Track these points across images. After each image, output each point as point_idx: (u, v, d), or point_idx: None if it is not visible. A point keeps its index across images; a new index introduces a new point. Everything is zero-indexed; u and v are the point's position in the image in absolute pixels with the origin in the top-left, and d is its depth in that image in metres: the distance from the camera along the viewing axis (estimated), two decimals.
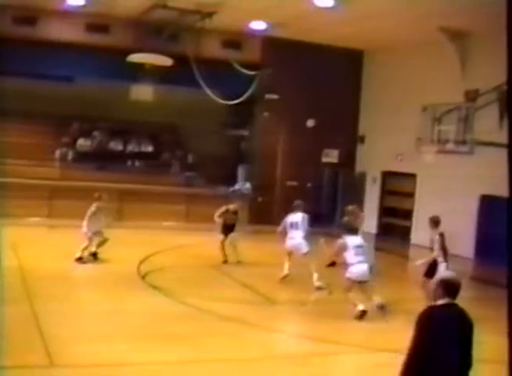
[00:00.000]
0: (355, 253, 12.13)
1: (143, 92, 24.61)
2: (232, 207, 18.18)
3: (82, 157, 26.48)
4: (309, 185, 27.18)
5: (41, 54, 23.46)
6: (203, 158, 27.28)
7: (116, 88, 25.26)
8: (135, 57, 23.14)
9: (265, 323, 11.28)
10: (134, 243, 18.66)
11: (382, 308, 11.87)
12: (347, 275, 12.03)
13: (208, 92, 23.38)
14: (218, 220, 17.80)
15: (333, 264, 16.12)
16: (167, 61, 22.98)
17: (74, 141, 27.04)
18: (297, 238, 15.22)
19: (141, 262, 16.18)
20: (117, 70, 23.89)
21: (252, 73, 24.33)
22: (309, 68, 26.08)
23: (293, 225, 15.47)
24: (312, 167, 27.10)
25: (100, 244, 16.30)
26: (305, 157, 26.72)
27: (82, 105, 25.78)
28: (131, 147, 27.74)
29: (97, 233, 16.20)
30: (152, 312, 11.62)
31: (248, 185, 27.19)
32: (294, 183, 26.88)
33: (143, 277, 14.76)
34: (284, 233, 15.47)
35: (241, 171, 28.27)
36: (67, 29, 24.05)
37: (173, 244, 19.46)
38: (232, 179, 27.85)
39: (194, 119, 26.96)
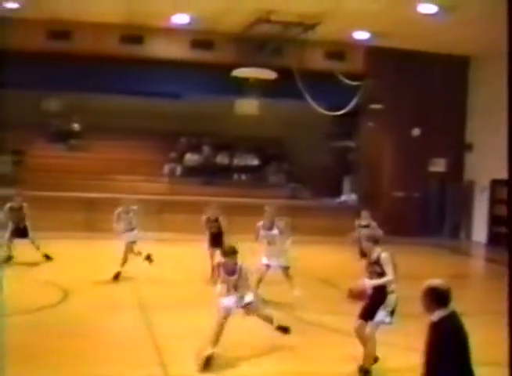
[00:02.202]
0: None
1: (248, 106, 24.85)
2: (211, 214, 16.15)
3: (190, 172, 26.98)
4: (416, 195, 26.78)
5: (148, 72, 24.07)
6: (308, 170, 27.28)
7: (221, 103, 25.62)
8: (240, 72, 23.41)
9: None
10: (240, 255, 18.76)
11: None
12: None
13: (312, 103, 23.40)
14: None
15: None
16: (271, 74, 23.15)
17: (182, 156, 27.58)
18: None
19: None
20: (221, 86, 24.25)
21: (356, 83, 24.20)
22: (413, 76, 25.76)
23: None
24: (419, 176, 26.69)
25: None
26: (412, 166, 26.35)
27: (189, 120, 26.30)
28: (237, 161, 28.06)
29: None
30: (261, 324, 11.65)
31: (354, 196, 27.02)
32: (401, 194, 26.55)
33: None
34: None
35: (346, 183, 28.15)
36: (173, 47, 24.64)
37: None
38: (337, 191, 27.75)
39: (299, 131, 27.07)
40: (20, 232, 16.86)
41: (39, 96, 26.14)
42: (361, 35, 23.92)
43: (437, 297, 5.55)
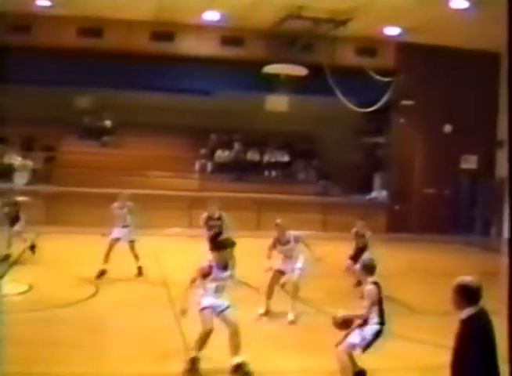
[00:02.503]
0: None
1: (278, 103, 24.84)
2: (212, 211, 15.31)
3: (220, 168, 27.04)
4: (447, 192, 26.60)
5: (178, 69, 24.18)
6: (338, 167, 27.21)
7: (251, 100, 25.62)
8: (271, 68, 23.40)
9: (404, 333, 11.10)
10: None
11: None
12: None
13: (343, 99, 23.32)
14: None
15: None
16: (302, 71, 23.10)
17: (212, 152, 27.65)
18: None
19: None
20: (252, 82, 24.25)
21: (387, 79, 24.08)
22: (444, 72, 25.58)
23: None
24: (450, 173, 26.51)
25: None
26: (443, 163, 26.18)
27: (219, 117, 26.36)
28: (268, 157, 28.07)
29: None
30: (285, 323, 11.69)
31: (384, 193, 26.91)
32: (432, 190, 26.40)
33: (282, 286, 14.82)
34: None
35: (377, 179, 28.04)
36: (203, 43, 24.70)
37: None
38: (367, 187, 27.65)
39: (329, 127, 27.02)
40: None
41: (71, 93, 26.33)
42: (392, 31, 23.79)
43: (467, 294, 5.49)
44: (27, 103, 25.16)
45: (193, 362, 8.74)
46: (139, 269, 15.18)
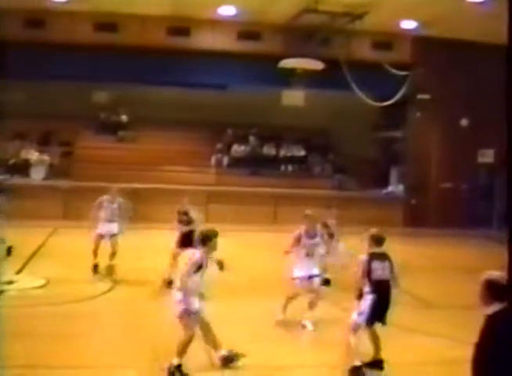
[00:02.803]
0: None
1: (294, 97, 24.82)
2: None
3: (236, 163, 27.05)
4: (464, 186, 26.48)
5: (194, 63, 24.17)
6: (354, 161, 27.15)
7: (267, 94, 25.61)
8: (287, 63, 23.34)
9: (421, 327, 11.11)
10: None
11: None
12: None
13: (359, 94, 23.23)
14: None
15: None
16: (318, 65, 23.03)
17: (229, 147, 27.66)
18: None
19: None
20: (268, 77, 24.19)
21: (403, 73, 23.95)
22: (461, 66, 25.42)
23: None
24: (467, 168, 26.37)
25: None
26: (460, 157, 26.06)
27: (235, 111, 26.35)
28: (284, 152, 28.05)
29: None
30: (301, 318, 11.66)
31: (401, 187, 26.83)
32: (448, 185, 26.28)
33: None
34: None
35: (394, 173, 27.94)
36: (219, 38, 24.68)
37: None
38: (384, 182, 27.58)
39: (345, 122, 26.94)
40: None
41: (87, 88, 26.40)
42: (408, 24, 23.69)
43: (494, 290, 5.40)
44: (43, 98, 25.31)
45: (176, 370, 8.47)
46: (96, 266, 14.49)
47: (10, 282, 13.10)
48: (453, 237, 22.77)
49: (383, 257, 8.93)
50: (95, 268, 14.50)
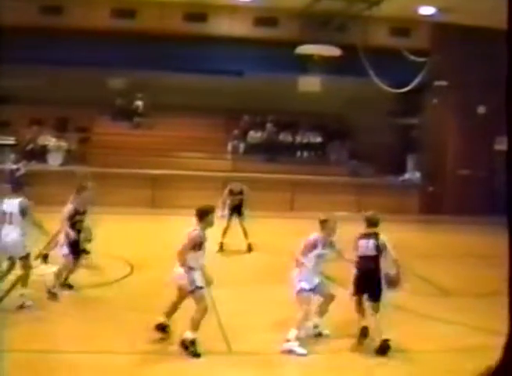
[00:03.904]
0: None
1: (311, 83, 24.72)
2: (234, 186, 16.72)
3: (253, 149, 27.06)
4: (481, 173, 26.35)
5: (211, 49, 24.13)
6: (371, 148, 27.05)
7: (284, 81, 25.50)
8: (304, 49, 23.30)
9: (439, 315, 11.09)
10: (305, 233, 18.74)
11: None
12: None
13: (376, 80, 23.13)
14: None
15: None
16: (335, 51, 22.97)
17: (245, 133, 27.65)
18: None
19: None
20: (285, 63, 24.17)
21: (421, 60, 23.81)
22: (479, 53, 25.20)
23: None
24: (484, 155, 26.21)
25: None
26: (477, 144, 25.91)
27: (252, 98, 26.31)
28: (300, 138, 28.01)
29: None
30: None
31: (418, 174, 26.74)
32: (465, 172, 26.17)
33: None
34: None
35: (410, 160, 27.85)
36: (236, 24, 24.66)
37: (345, 234, 19.33)
38: (400, 169, 27.50)
39: (362, 108, 26.84)
40: None
41: (104, 74, 26.44)
42: (426, 10, 23.52)
43: None
44: (60, 84, 25.40)
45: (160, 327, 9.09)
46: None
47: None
48: (470, 225, 22.66)
49: (369, 236, 9.55)
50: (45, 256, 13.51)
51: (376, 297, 9.28)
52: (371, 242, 9.46)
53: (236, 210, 16.46)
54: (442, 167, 26.30)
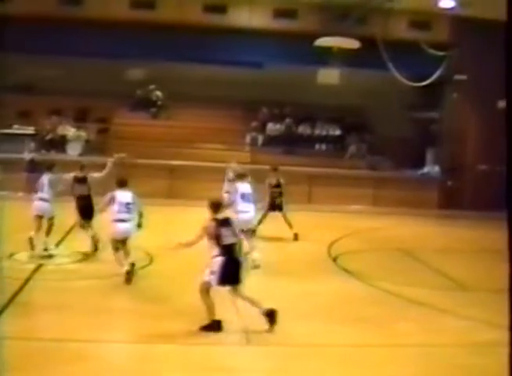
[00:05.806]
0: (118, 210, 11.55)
1: (330, 76, 24.66)
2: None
3: (271, 141, 27.08)
4: (501, 168, 26.17)
5: (230, 41, 24.17)
6: (390, 141, 26.97)
7: (303, 73, 25.46)
8: (323, 41, 23.23)
9: (455, 310, 11.07)
10: (323, 226, 18.83)
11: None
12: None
13: (395, 73, 23.02)
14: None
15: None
16: (354, 44, 22.89)
17: (264, 125, 27.66)
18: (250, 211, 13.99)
19: (331, 245, 16.32)
20: (304, 55, 24.12)
21: (441, 53, 23.67)
22: (500, 47, 24.96)
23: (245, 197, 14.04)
24: (504, 150, 25.98)
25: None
26: (496, 139, 25.56)
27: (271, 90, 26.30)
28: (319, 131, 27.98)
29: None
30: (342, 294, 11.70)
31: (437, 168, 26.62)
32: (485, 167, 26.01)
33: (334, 260, 14.88)
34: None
35: (430, 154, 27.71)
36: (256, 16, 24.66)
37: (361, 227, 19.40)
38: (419, 162, 27.38)
39: (380, 101, 26.77)
40: None
41: (123, 65, 26.53)
42: (447, 4, 23.32)
43: None
44: (80, 74, 25.51)
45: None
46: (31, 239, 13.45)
47: (49, 256, 13.35)
48: (489, 220, 22.45)
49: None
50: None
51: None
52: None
53: (276, 203, 16.88)
54: (462, 161, 26.14)
